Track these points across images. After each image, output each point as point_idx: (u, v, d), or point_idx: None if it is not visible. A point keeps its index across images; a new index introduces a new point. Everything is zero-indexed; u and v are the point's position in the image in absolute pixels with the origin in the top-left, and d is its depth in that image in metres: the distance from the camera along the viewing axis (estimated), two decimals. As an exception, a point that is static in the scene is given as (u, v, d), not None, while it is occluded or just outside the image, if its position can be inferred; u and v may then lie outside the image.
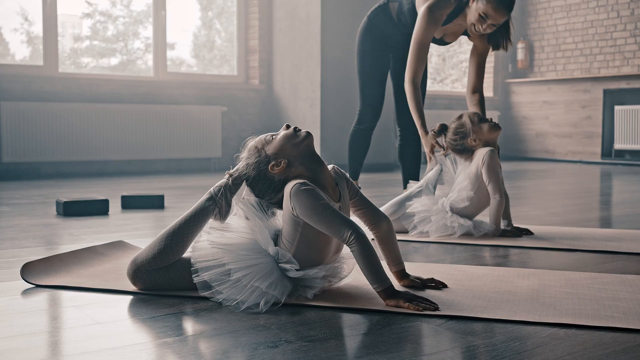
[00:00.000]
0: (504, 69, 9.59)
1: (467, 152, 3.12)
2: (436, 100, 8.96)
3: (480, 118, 3.11)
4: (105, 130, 6.41)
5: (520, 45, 9.45)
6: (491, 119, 3.15)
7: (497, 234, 3.00)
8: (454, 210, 3.06)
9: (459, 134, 3.11)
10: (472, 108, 3.42)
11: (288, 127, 1.95)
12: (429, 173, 3.18)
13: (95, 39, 7.29)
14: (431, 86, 9.41)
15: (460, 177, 3.12)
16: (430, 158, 3.26)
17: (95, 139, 6.36)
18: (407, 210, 3.08)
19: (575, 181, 6.18)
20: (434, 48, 9.26)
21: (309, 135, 1.93)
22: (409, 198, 3.12)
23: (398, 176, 6.31)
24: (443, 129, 3.17)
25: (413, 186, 3.20)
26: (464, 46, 9.78)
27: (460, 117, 3.14)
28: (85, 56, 7.25)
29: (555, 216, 3.74)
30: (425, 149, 3.32)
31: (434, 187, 3.13)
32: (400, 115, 3.84)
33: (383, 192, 4.78)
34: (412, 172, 3.79)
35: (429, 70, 9.29)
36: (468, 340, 1.54)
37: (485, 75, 9.55)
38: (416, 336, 1.58)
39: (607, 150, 8.56)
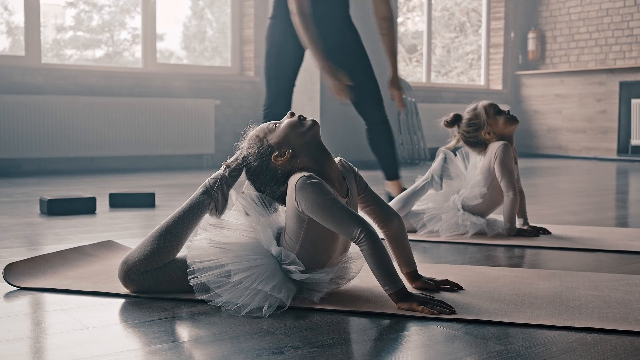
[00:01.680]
0: (513, 60, 9.56)
1: (480, 146, 3.09)
2: (442, 93, 8.93)
3: (496, 110, 3.07)
4: (91, 125, 6.37)
5: (531, 35, 9.43)
6: (508, 111, 3.11)
7: (513, 234, 2.96)
8: (466, 208, 3.03)
9: (473, 125, 3.07)
10: (381, 38, 3.52)
11: (292, 115, 1.91)
12: (433, 164, 3.15)
13: (79, 29, 7.25)
14: (436, 79, 9.38)
15: (473, 172, 3.09)
16: (340, 96, 3.33)
17: (80, 133, 6.32)
18: (416, 208, 3.05)
19: (590, 179, 6.17)
20: (437, 40, 9.23)
21: (315, 124, 1.89)
22: (414, 192, 3.09)
23: (402, 173, 6.27)
24: (457, 119, 3.13)
25: (418, 180, 3.17)
26: (469, 37, 9.76)
27: (475, 107, 3.09)
28: (68, 48, 7.21)
29: (571, 215, 3.71)
30: (330, 84, 3.35)
31: (440, 179, 3.09)
32: (359, 105, 3.73)
33: (388, 189, 4.73)
34: (389, 163, 3.71)
35: (433, 62, 9.26)
36: (489, 346, 1.51)
37: (494, 67, 9.53)
38: (432, 342, 1.55)
39: (624, 146, 8.54)
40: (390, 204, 3.05)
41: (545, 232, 3.04)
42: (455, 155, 3.16)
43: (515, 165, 3.10)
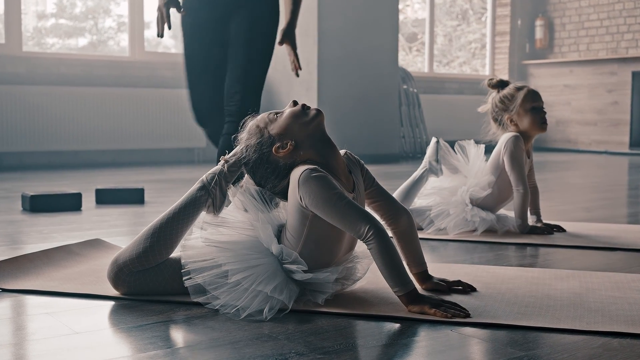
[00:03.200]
0: (520, 49, 9.54)
1: (500, 125, 3.06)
2: (445, 84, 8.90)
3: (535, 106, 2.98)
4: (75, 117, 6.32)
5: (539, 22, 9.40)
6: (545, 114, 3.03)
7: (525, 231, 2.93)
8: (474, 202, 3.00)
9: (503, 103, 3.02)
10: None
11: (295, 103, 1.88)
12: (427, 151, 3.14)
13: (61, 16, 7.20)
14: (437, 69, 9.36)
15: (477, 162, 3.06)
16: (163, 18, 2.97)
17: (64, 126, 6.28)
18: (422, 204, 3.03)
19: (601, 174, 6.16)
20: (439, 28, 9.20)
21: (319, 113, 1.86)
22: (414, 183, 3.08)
23: (404, 168, 6.25)
24: (501, 84, 3.05)
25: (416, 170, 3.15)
26: (472, 25, 9.74)
27: (519, 88, 3.01)
28: (50, 36, 7.15)
29: (585, 211, 3.70)
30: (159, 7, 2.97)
31: (437, 162, 3.07)
32: (229, 95, 3.18)
33: (389, 185, 4.71)
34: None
35: (435, 52, 9.23)
36: (508, 352, 1.48)
37: (500, 56, 9.51)
38: (446, 347, 1.52)
39: (636, 140, 8.52)
40: None
41: (560, 229, 3.01)
42: (454, 149, 3.14)
43: (529, 160, 3.07)
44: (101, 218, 3.31)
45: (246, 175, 1.91)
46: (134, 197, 3.84)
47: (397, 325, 1.66)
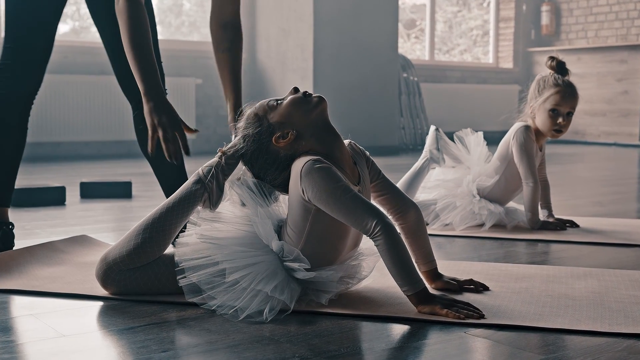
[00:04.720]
0: (525, 35, 9.53)
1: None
2: (446, 72, 8.88)
3: (555, 109, 2.93)
4: (57, 106, 6.29)
5: (545, 7, 9.40)
6: (564, 122, 2.98)
7: (536, 227, 2.92)
8: (481, 194, 2.99)
9: (537, 89, 2.98)
10: (219, 56, 2.53)
11: (296, 90, 1.86)
12: (427, 139, 3.15)
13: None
14: (437, 57, 9.33)
15: (478, 148, 3.05)
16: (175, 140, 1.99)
17: (45, 116, 6.24)
18: (427, 198, 3.02)
19: (611, 166, 6.17)
20: (438, 14, 9.18)
21: (322, 101, 1.84)
22: (416, 173, 3.10)
23: (404, 160, 6.23)
24: (556, 68, 3.00)
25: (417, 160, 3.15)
26: (474, 11, 9.72)
27: (556, 84, 2.94)
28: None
29: (598, 206, 3.70)
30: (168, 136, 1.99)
31: (439, 151, 3.06)
32: (127, 84, 2.71)
33: (389, 178, 4.69)
34: (176, 177, 2.47)
35: (434, 40, 9.20)
36: (527, 355, 1.45)
37: (504, 43, 9.49)
38: (460, 351, 1.50)
39: (647, 131, 8.53)
40: None
41: (573, 224, 3.00)
42: (453, 141, 3.13)
43: (540, 153, 3.06)
44: (86, 213, 3.30)
45: (244, 166, 1.88)
46: (121, 190, 3.83)
47: (407, 327, 1.65)
